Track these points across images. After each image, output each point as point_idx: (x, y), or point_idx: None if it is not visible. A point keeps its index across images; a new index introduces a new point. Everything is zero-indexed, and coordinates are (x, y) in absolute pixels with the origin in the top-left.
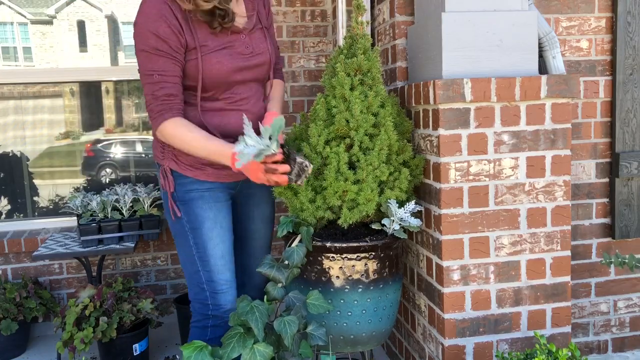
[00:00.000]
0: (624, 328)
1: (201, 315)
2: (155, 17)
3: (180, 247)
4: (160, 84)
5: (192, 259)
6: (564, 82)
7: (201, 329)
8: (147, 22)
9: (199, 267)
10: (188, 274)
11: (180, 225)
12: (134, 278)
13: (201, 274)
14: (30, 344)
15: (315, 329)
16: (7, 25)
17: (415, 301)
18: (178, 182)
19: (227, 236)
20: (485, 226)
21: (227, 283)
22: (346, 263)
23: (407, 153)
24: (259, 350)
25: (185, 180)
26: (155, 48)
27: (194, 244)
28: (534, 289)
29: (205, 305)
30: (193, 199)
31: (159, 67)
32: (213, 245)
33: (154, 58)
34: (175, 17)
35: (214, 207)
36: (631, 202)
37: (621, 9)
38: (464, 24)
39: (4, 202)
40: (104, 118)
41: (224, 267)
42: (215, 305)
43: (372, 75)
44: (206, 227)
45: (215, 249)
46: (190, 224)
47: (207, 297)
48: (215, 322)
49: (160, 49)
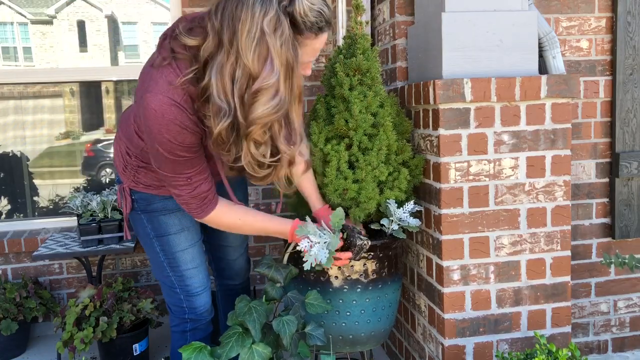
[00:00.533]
0: (624, 328)
1: (179, 319)
2: (177, 129)
3: (147, 253)
4: (193, 184)
5: (160, 265)
6: (564, 82)
7: (180, 333)
8: (169, 133)
9: (169, 272)
10: (159, 277)
11: (145, 233)
12: (134, 278)
13: (172, 279)
14: (30, 344)
15: (314, 329)
16: (7, 25)
17: (415, 301)
18: (137, 196)
19: (195, 238)
20: (485, 226)
21: (200, 285)
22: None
23: (406, 153)
24: (257, 350)
25: (146, 194)
26: (179, 155)
27: (161, 250)
28: (534, 289)
29: (181, 308)
30: (155, 209)
31: (189, 169)
32: (181, 250)
33: (182, 163)
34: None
35: (179, 213)
36: (631, 202)
37: (621, 9)
38: (464, 24)
39: (4, 202)
40: (104, 118)
41: (196, 270)
42: (191, 308)
43: (371, 75)
44: (172, 233)
45: (184, 254)
46: (155, 232)
47: (181, 300)
48: (193, 325)
49: (188, 155)
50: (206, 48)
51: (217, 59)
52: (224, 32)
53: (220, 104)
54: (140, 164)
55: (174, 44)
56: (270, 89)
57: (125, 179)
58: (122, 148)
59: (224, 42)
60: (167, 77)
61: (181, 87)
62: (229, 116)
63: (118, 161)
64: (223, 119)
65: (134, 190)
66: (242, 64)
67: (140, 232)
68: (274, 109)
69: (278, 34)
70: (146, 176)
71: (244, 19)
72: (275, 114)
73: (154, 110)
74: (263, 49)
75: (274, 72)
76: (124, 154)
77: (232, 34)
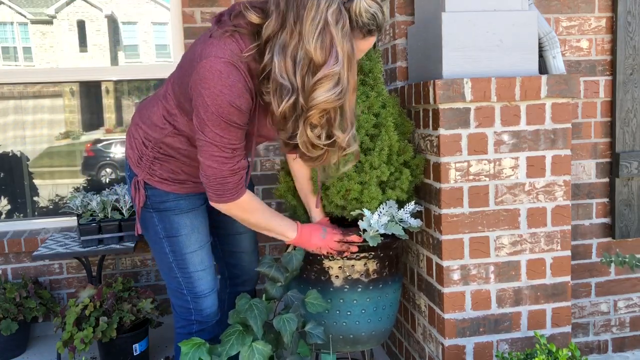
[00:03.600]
0: (624, 328)
1: (185, 321)
2: (240, 91)
3: (155, 253)
4: (236, 158)
5: (169, 265)
6: (564, 82)
7: (186, 335)
8: (231, 95)
9: (177, 273)
10: (166, 278)
11: (155, 232)
12: (134, 278)
13: (180, 280)
14: (30, 344)
15: (314, 328)
16: (7, 25)
17: (415, 301)
18: (151, 191)
19: (204, 240)
20: (485, 226)
21: (208, 287)
22: (346, 263)
23: (408, 153)
24: (257, 348)
25: (160, 191)
26: (233, 121)
27: (171, 251)
28: (534, 288)
29: (187, 310)
30: (168, 208)
31: (233, 139)
32: (191, 252)
33: (231, 129)
34: (253, 93)
35: (191, 214)
36: (631, 202)
37: (621, 9)
38: (464, 24)
39: (4, 202)
40: (104, 118)
41: (204, 272)
42: (198, 310)
43: (374, 76)
44: (183, 234)
45: (194, 256)
46: (166, 232)
47: (188, 302)
48: (200, 327)
49: (238, 123)
50: (269, 26)
51: (280, 38)
52: (289, 14)
53: (283, 82)
54: (157, 155)
55: (237, 19)
56: (334, 77)
57: (139, 172)
58: (138, 138)
59: (289, 23)
60: (230, 47)
61: (243, 60)
62: (292, 95)
63: (132, 153)
64: (286, 97)
65: (148, 186)
66: (304, 48)
67: (151, 231)
68: (336, 96)
69: (340, 26)
70: (162, 168)
71: (309, 6)
72: (336, 101)
73: (219, 71)
74: (326, 38)
75: (339, 61)
76: (140, 144)
77: (297, 17)
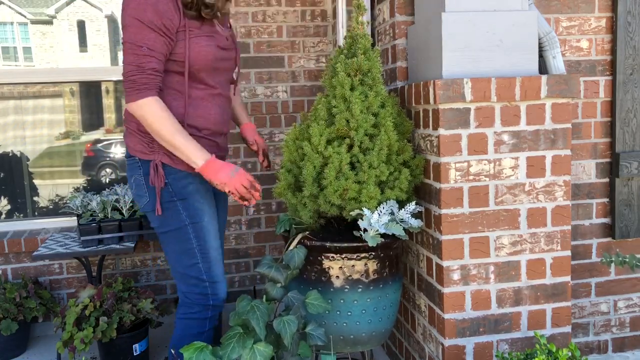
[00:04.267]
0: (624, 328)
1: (201, 307)
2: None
3: (176, 243)
4: (147, 57)
5: (191, 252)
6: (564, 82)
7: (201, 320)
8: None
9: (199, 259)
10: (183, 267)
11: (179, 221)
12: (134, 278)
13: (200, 266)
14: (30, 344)
15: (314, 329)
16: (7, 25)
17: (415, 301)
18: (172, 177)
19: (217, 226)
20: (485, 226)
21: (221, 273)
22: (346, 263)
23: (407, 153)
24: (258, 350)
25: (179, 174)
26: (150, 21)
27: (195, 237)
28: (534, 289)
29: (205, 296)
30: (191, 192)
31: (150, 41)
32: (211, 237)
33: (147, 31)
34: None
35: (208, 199)
36: (631, 202)
37: (621, 9)
38: (464, 24)
39: (4, 202)
40: (104, 118)
41: (220, 257)
42: (215, 295)
43: (373, 76)
44: (205, 220)
45: (213, 241)
46: (191, 218)
47: (206, 287)
48: (214, 312)
49: (155, 24)
50: None
51: None
52: None
53: None
54: None
55: None
56: None
57: (156, 157)
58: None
59: None
60: None
61: None
62: None
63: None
64: None
65: (167, 167)
66: None
67: (174, 222)
68: None
69: None
70: None
71: None
72: None
73: None
74: None
75: None
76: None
77: None
